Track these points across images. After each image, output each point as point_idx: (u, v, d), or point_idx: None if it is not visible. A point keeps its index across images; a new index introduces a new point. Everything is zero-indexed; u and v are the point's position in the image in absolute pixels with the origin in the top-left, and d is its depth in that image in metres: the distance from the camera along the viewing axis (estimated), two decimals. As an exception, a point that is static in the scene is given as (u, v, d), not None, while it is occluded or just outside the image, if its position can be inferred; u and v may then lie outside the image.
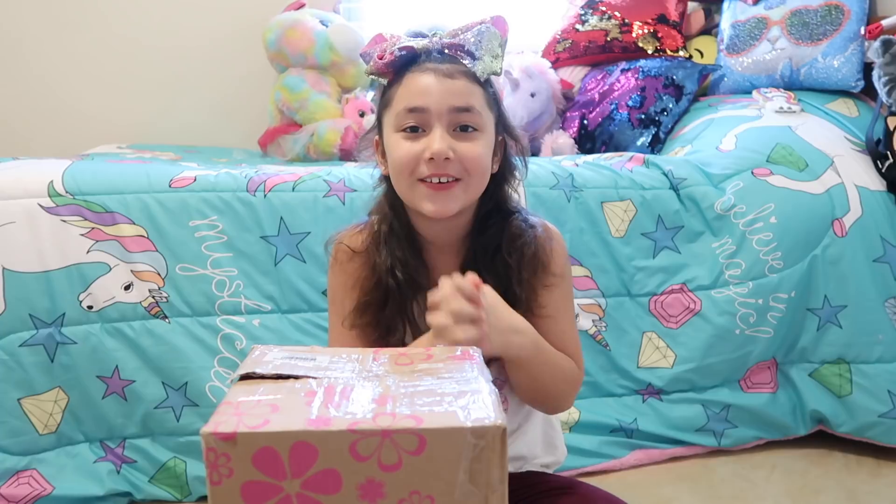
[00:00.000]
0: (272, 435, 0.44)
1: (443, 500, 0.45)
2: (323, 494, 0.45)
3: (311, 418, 0.45)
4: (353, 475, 0.44)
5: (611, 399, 1.52)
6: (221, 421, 0.45)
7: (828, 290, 1.52)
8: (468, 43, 0.88)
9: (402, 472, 0.44)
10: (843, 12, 1.93)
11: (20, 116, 2.54)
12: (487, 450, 0.44)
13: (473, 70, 0.87)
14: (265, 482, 0.44)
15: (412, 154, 0.86)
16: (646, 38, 2.20)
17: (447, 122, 0.87)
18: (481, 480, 0.45)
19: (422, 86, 0.87)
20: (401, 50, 0.88)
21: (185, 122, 2.55)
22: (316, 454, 0.44)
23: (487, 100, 0.90)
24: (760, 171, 1.58)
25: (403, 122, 0.88)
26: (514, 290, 0.91)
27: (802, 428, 1.55)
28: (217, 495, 0.45)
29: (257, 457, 0.44)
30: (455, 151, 0.86)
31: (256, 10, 2.45)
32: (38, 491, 1.29)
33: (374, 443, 0.44)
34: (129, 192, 1.37)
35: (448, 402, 0.47)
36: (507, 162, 0.96)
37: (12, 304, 1.30)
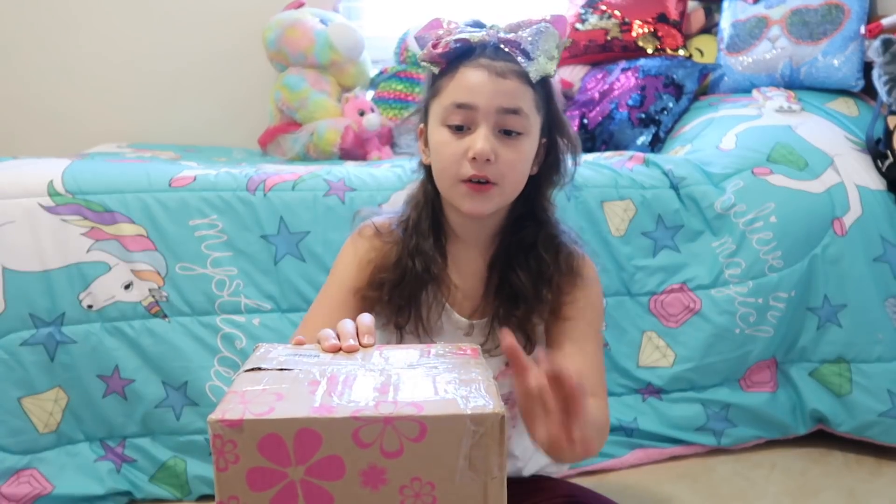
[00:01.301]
0: (277, 422, 0.45)
1: (443, 486, 0.46)
2: (327, 481, 0.45)
3: (315, 406, 0.46)
4: (355, 461, 0.45)
5: (610, 398, 1.51)
6: (228, 408, 0.46)
7: (828, 289, 1.52)
8: (524, 41, 0.87)
9: (403, 458, 0.45)
10: (844, 11, 1.93)
11: (20, 115, 2.54)
12: (486, 437, 0.45)
13: (527, 70, 0.86)
14: (270, 468, 0.45)
15: (457, 153, 0.86)
16: (646, 37, 2.20)
17: (494, 122, 0.86)
18: (480, 467, 0.46)
19: (473, 82, 0.86)
20: (456, 42, 0.87)
21: (185, 121, 2.55)
22: (320, 441, 0.45)
23: (536, 102, 0.89)
24: (760, 170, 1.58)
25: (450, 118, 0.87)
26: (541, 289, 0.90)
27: (802, 427, 1.55)
28: (223, 481, 0.45)
29: (263, 443, 0.45)
30: (497, 154, 0.86)
31: (256, 9, 2.45)
32: (38, 490, 1.29)
33: (377, 429, 0.45)
34: (128, 192, 1.37)
35: (449, 391, 0.48)
36: (552, 164, 0.95)
37: (12, 303, 1.30)
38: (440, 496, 0.46)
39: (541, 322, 0.94)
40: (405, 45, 2.33)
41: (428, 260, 0.91)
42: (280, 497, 0.45)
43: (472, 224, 0.93)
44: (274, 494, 0.45)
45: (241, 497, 0.46)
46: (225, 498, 0.46)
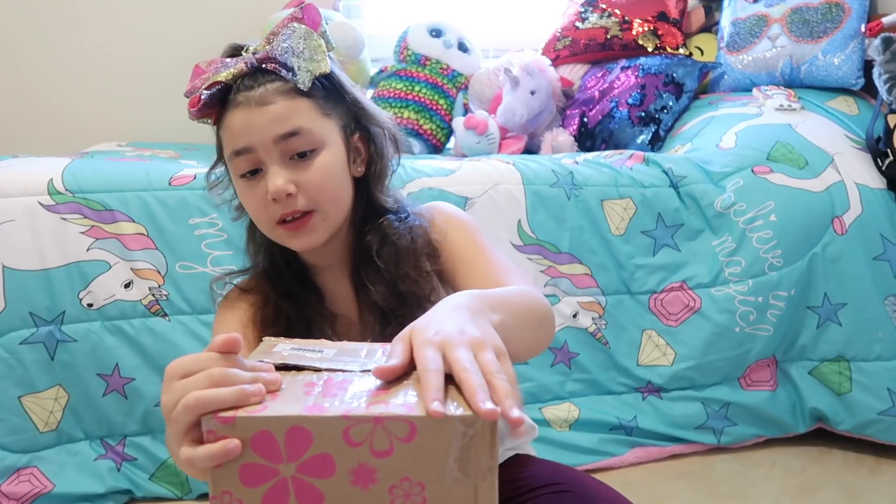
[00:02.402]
0: (269, 419, 0.45)
1: (433, 486, 0.46)
2: (317, 478, 0.46)
3: (308, 405, 0.46)
4: (346, 460, 0.46)
5: (610, 397, 1.52)
6: None
7: (827, 287, 1.52)
8: (279, 53, 0.79)
9: (393, 458, 0.45)
10: (844, 10, 1.93)
11: (20, 114, 2.54)
12: (477, 438, 0.45)
13: (294, 82, 0.78)
14: (262, 465, 0.46)
15: (259, 201, 0.79)
16: (646, 35, 2.20)
17: (278, 152, 0.78)
18: (471, 469, 0.46)
19: (237, 125, 0.78)
20: (207, 89, 0.80)
21: (185, 120, 2.53)
22: (311, 439, 0.45)
23: (320, 108, 0.81)
24: (760, 168, 1.58)
25: (239, 168, 0.80)
26: (404, 294, 0.83)
27: (802, 425, 1.55)
28: (217, 477, 0.46)
29: (255, 440, 0.45)
30: (297, 184, 0.78)
31: (256, 8, 2.45)
32: (38, 488, 1.29)
33: (367, 429, 0.45)
34: (128, 190, 1.37)
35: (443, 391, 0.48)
36: (376, 158, 0.87)
37: (12, 302, 1.30)
38: (430, 497, 0.46)
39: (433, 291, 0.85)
40: (405, 43, 2.33)
41: (299, 301, 0.85)
42: (272, 493, 0.46)
43: (324, 252, 0.85)
44: (266, 490, 0.46)
45: (233, 492, 0.46)
46: (218, 493, 0.47)
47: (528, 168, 1.55)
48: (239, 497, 0.46)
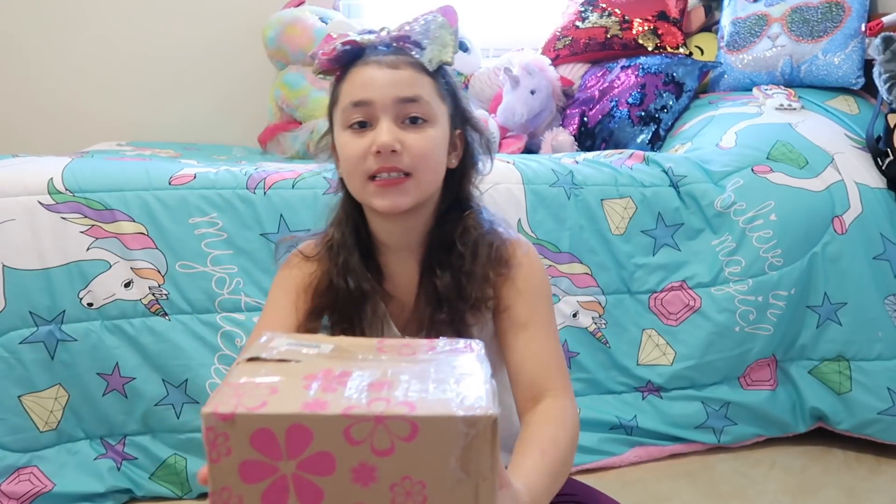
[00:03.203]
0: (269, 417, 0.45)
1: (434, 485, 0.46)
2: (317, 476, 0.46)
3: (308, 402, 0.46)
4: (346, 458, 0.45)
5: (610, 396, 1.52)
6: (221, 401, 0.46)
7: (828, 287, 1.52)
8: (414, 33, 0.85)
9: (394, 457, 0.45)
10: (844, 9, 1.93)
11: (20, 114, 2.54)
12: (479, 439, 0.45)
13: (421, 60, 0.84)
14: (262, 462, 0.46)
15: (360, 150, 0.83)
16: (646, 35, 2.20)
17: (394, 113, 0.83)
18: (472, 468, 0.46)
19: (365, 78, 0.84)
20: (344, 45, 0.85)
21: (185, 119, 2.55)
22: (311, 437, 0.45)
23: (439, 90, 0.86)
24: (760, 168, 1.58)
25: (350, 118, 0.84)
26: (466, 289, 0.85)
27: (802, 425, 1.55)
28: (216, 473, 0.46)
29: (255, 437, 0.45)
30: (403, 144, 0.82)
31: (256, 7, 2.45)
32: (38, 488, 1.29)
33: (368, 428, 0.45)
34: (128, 190, 1.37)
35: (443, 389, 0.48)
36: (469, 157, 0.92)
37: (12, 301, 1.30)
38: (431, 495, 0.46)
39: (477, 323, 0.88)
40: (405, 42, 2.32)
41: (358, 277, 0.87)
42: (271, 490, 0.46)
43: (396, 229, 0.88)
44: (265, 487, 0.46)
45: (233, 488, 0.46)
46: (218, 489, 0.46)
47: (527, 167, 1.55)
48: (239, 493, 0.46)
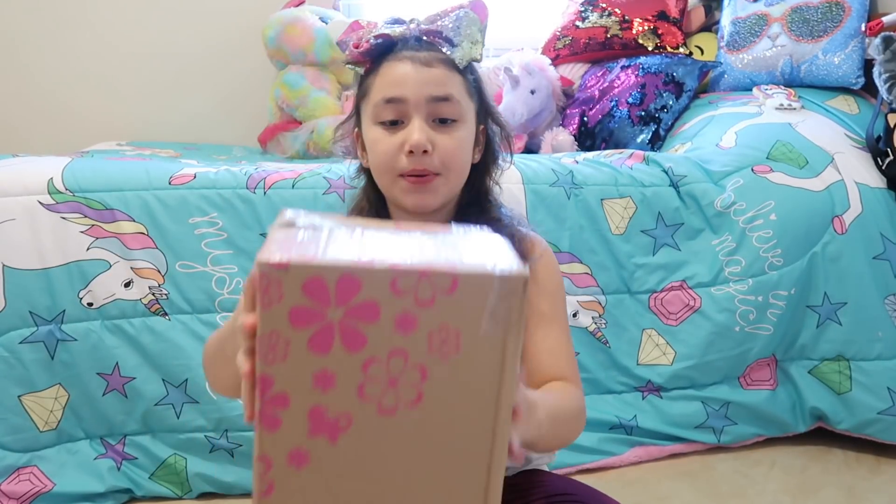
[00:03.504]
0: (322, 267, 0.48)
1: (468, 335, 0.50)
2: (362, 323, 0.49)
3: (357, 254, 0.49)
4: (390, 308, 0.49)
5: (610, 396, 1.52)
6: (275, 251, 0.49)
7: (828, 287, 1.52)
8: (446, 29, 0.86)
9: (434, 308, 0.49)
10: (844, 9, 1.93)
11: (20, 114, 2.54)
12: (510, 295, 0.49)
13: (452, 57, 0.85)
14: (311, 308, 0.48)
15: (392, 148, 0.84)
16: (646, 34, 2.20)
17: (426, 112, 0.84)
18: (503, 323, 0.50)
19: (399, 75, 0.84)
20: (377, 38, 0.86)
21: (185, 119, 2.55)
22: (359, 287, 0.48)
23: (468, 88, 0.87)
24: (760, 168, 1.58)
25: (382, 115, 0.85)
26: None
27: (802, 425, 1.55)
28: (266, 318, 0.48)
29: (306, 285, 0.48)
30: (434, 144, 0.83)
31: (256, 7, 2.45)
32: (38, 487, 1.29)
33: (412, 280, 0.48)
34: (128, 190, 1.37)
35: (477, 253, 0.53)
36: (490, 151, 0.93)
37: (12, 301, 1.30)
38: (464, 344, 0.50)
39: None
40: (405, 42, 2.32)
41: None
42: (318, 335, 0.49)
43: (419, 220, 0.89)
44: (312, 332, 0.49)
45: (281, 332, 0.49)
46: (266, 332, 0.49)
47: (527, 167, 1.55)
48: (286, 337, 0.49)
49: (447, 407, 0.51)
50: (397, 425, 0.51)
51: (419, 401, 0.51)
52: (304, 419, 0.51)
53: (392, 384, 0.50)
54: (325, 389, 0.50)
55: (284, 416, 0.50)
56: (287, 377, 0.50)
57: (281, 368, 0.49)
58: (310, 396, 0.50)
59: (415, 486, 0.54)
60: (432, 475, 0.53)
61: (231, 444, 1.35)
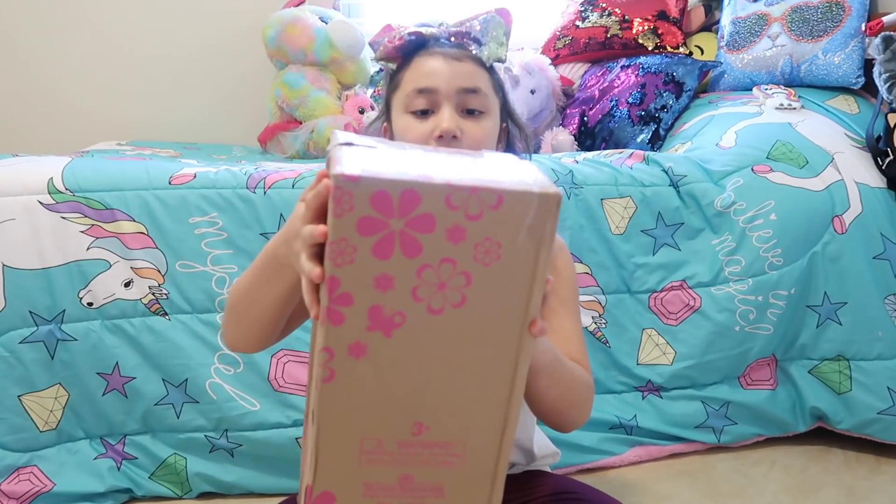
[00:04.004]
0: (388, 181, 0.54)
1: (508, 246, 0.56)
2: (420, 233, 0.55)
3: (418, 170, 0.55)
4: (444, 220, 0.55)
5: (610, 396, 1.52)
6: (347, 164, 0.54)
7: (828, 287, 1.52)
8: (474, 30, 0.91)
9: (481, 221, 0.55)
10: (844, 9, 1.93)
11: (20, 113, 2.54)
12: (546, 211, 0.56)
13: (479, 55, 0.90)
14: (377, 218, 0.54)
15: (422, 134, 0.88)
16: (646, 34, 2.20)
17: (455, 102, 0.89)
18: (537, 235, 0.57)
19: (431, 67, 0.89)
20: (410, 35, 0.91)
21: (185, 119, 2.55)
22: (419, 200, 0.54)
23: (493, 85, 0.93)
24: (760, 167, 1.58)
25: (413, 104, 0.90)
26: None
27: (802, 425, 1.56)
28: (337, 225, 0.54)
29: (374, 197, 0.53)
30: (463, 131, 0.88)
31: (256, 6, 2.45)
32: (38, 487, 1.29)
33: (464, 196, 0.55)
34: (128, 189, 1.37)
35: (515, 173, 0.59)
36: (511, 150, 0.98)
37: (12, 301, 1.30)
38: (504, 254, 0.57)
39: None
40: (405, 42, 2.32)
41: None
42: (381, 242, 0.55)
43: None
44: (377, 240, 0.55)
45: (349, 239, 0.55)
46: (337, 238, 0.55)
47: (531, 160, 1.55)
48: (354, 244, 0.55)
49: (486, 308, 0.58)
50: (444, 323, 0.58)
51: (463, 302, 0.58)
52: (365, 316, 0.57)
53: (441, 287, 0.57)
54: (385, 290, 0.56)
55: (348, 312, 0.57)
56: (352, 279, 0.56)
57: (348, 271, 0.55)
58: (371, 296, 0.56)
59: (455, 376, 0.61)
60: (470, 367, 0.60)
61: (231, 444, 1.35)
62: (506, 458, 0.65)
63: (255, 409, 1.35)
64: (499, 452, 0.64)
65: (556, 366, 0.80)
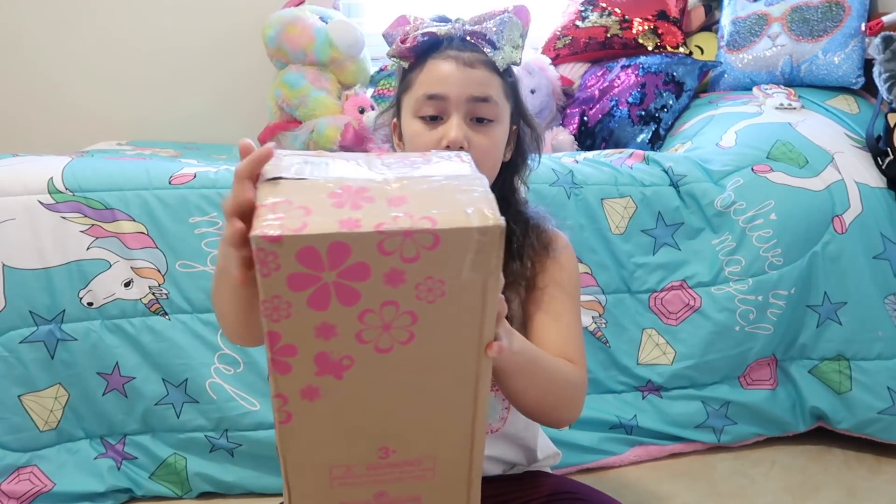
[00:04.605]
0: (312, 237, 0.52)
1: (451, 282, 0.55)
2: (355, 282, 0.54)
3: (343, 220, 0.53)
4: (379, 266, 0.53)
5: (610, 396, 1.52)
6: (266, 225, 0.52)
7: (828, 286, 1.52)
8: (490, 32, 0.89)
9: (419, 262, 0.54)
10: (844, 9, 1.93)
11: (20, 113, 2.54)
12: (489, 244, 0.54)
13: (493, 60, 0.89)
14: (307, 273, 0.53)
15: (431, 142, 0.88)
16: (646, 34, 2.20)
17: (465, 111, 0.88)
18: (482, 267, 0.55)
19: (443, 73, 0.88)
20: (424, 35, 0.90)
21: (185, 118, 2.55)
22: (349, 251, 0.52)
23: (505, 90, 0.91)
24: (760, 167, 1.58)
25: (422, 109, 0.89)
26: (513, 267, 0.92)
27: (802, 424, 1.55)
28: (267, 284, 0.53)
29: (300, 254, 0.52)
30: (470, 142, 0.87)
31: (256, 6, 2.45)
32: (38, 487, 1.29)
33: (398, 241, 0.53)
34: (128, 189, 1.37)
35: (455, 202, 0.56)
36: (520, 151, 0.98)
37: (12, 300, 1.30)
38: (448, 290, 0.55)
39: (516, 298, 0.94)
40: (405, 42, 2.32)
41: None
42: (316, 295, 0.54)
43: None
44: (311, 293, 0.54)
45: (282, 296, 0.54)
46: (269, 297, 0.54)
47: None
48: (288, 300, 0.54)
49: (437, 341, 0.58)
50: (394, 360, 0.57)
51: (412, 339, 0.57)
52: (311, 363, 0.57)
53: (386, 328, 0.56)
54: (328, 338, 0.56)
55: (293, 362, 0.56)
56: (292, 332, 0.55)
57: (286, 325, 0.55)
58: (314, 344, 0.56)
59: (416, 402, 0.60)
60: (430, 393, 0.60)
61: (231, 443, 1.35)
62: (479, 462, 0.65)
63: (256, 408, 1.35)
64: (471, 460, 0.64)
65: (531, 367, 0.80)
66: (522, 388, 0.81)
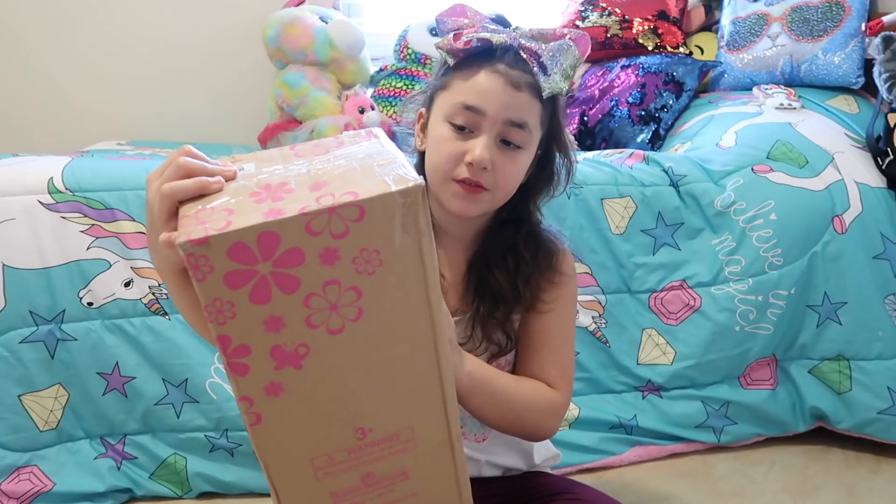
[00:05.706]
0: (239, 231, 0.52)
1: (386, 249, 0.55)
2: (291, 268, 0.54)
3: (266, 212, 0.53)
4: (312, 248, 0.53)
5: (610, 396, 1.52)
6: (191, 230, 0.52)
7: (828, 286, 1.52)
8: (545, 55, 0.86)
9: (350, 237, 0.54)
10: (844, 9, 1.93)
11: (20, 113, 2.54)
12: (413, 205, 0.55)
13: (541, 85, 0.85)
14: (242, 269, 0.53)
15: (456, 153, 0.86)
16: (646, 34, 2.20)
17: (497, 131, 0.86)
18: (412, 229, 0.55)
19: (487, 87, 0.85)
20: (478, 41, 0.86)
21: (185, 118, 2.55)
22: (279, 239, 0.52)
23: (542, 117, 0.89)
24: (760, 167, 1.58)
25: (455, 117, 0.86)
26: (520, 288, 0.92)
27: (802, 424, 1.55)
28: (205, 289, 0.53)
29: (230, 251, 0.52)
30: (494, 164, 0.85)
31: (256, 6, 2.45)
32: (38, 487, 1.29)
33: (324, 219, 0.53)
34: (128, 189, 1.37)
35: (374, 174, 0.56)
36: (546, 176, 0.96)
37: (12, 300, 1.30)
38: (385, 259, 0.56)
39: (518, 317, 0.95)
40: (405, 42, 2.33)
41: None
42: (256, 289, 0.54)
43: (455, 222, 0.93)
44: (250, 289, 0.53)
45: (223, 297, 0.53)
46: (210, 301, 0.53)
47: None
48: (229, 300, 0.53)
49: (387, 311, 0.58)
50: (349, 338, 0.58)
51: (360, 315, 0.57)
52: (268, 358, 0.56)
53: (333, 309, 0.56)
54: (278, 330, 0.56)
55: (250, 361, 0.56)
56: (241, 331, 0.55)
57: (233, 325, 0.54)
58: (266, 339, 0.56)
59: (380, 377, 0.60)
60: (393, 365, 0.60)
61: (231, 443, 1.35)
62: (456, 424, 0.65)
63: (255, 408, 1.35)
64: (447, 421, 0.64)
65: (485, 388, 0.82)
66: (478, 407, 0.83)
